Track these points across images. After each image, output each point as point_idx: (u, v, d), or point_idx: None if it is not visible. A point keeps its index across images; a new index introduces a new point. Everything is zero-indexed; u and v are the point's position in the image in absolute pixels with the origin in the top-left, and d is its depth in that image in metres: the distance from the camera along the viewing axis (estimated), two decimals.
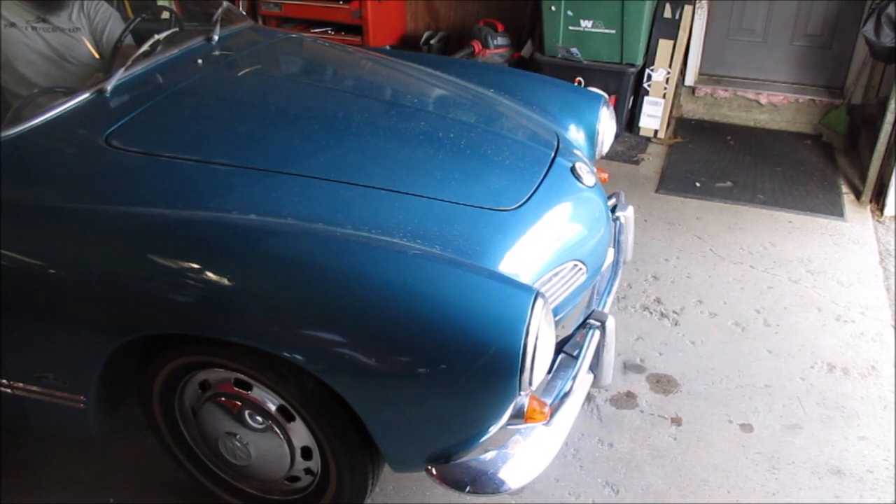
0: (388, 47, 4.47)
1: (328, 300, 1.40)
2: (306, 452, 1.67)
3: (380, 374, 1.41)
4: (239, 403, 1.64)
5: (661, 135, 4.16)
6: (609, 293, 1.96)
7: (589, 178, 1.95)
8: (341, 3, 4.47)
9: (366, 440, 1.55)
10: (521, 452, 1.51)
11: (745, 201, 3.47)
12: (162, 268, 1.48)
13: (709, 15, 4.19)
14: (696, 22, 4.11)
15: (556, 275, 1.75)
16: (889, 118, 3.26)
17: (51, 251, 1.55)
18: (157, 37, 2.13)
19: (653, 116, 4.14)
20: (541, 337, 1.38)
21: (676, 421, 2.21)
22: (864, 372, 2.39)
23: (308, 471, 1.72)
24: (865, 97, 4.00)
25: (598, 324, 1.73)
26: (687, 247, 3.11)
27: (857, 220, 3.32)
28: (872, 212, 3.40)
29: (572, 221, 1.86)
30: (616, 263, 2.09)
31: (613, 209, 2.17)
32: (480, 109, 2.21)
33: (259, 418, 1.64)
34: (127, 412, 1.85)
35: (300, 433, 1.63)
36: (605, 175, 2.26)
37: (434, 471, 1.49)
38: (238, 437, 1.68)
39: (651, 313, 2.68)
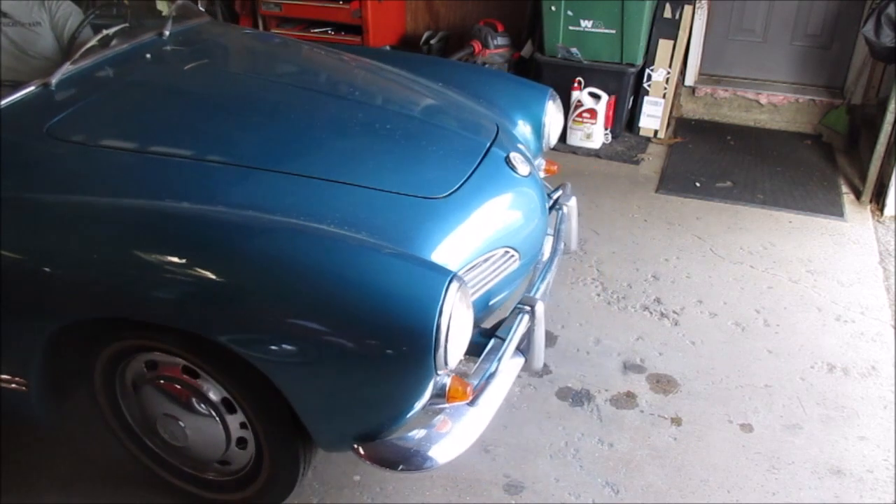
0: (387, 47, 4.47)
1: (245, 282, 1.45)
2: (241, 438, 1.72)
3: (299, 354, 1.45)
4: (178, 387, 1.68)
5: (661, 135, 4.16)
6: (543, 280, 2.00)
7: (523, 168, 1.98)
8: (341, 3, 4.47)
9: (297, 422, 1.59)
10: (448, 431, 1.55)
11: (745, 201, 3.47)
12: (93, 253, 1.52)
13: (709, 15, 4.19)
14: (696, 22, 4.11)
15: (486, 260, 1.80)
16: (889, 118, 3.26)
17: None
18: (105, 31, 2.19)
19: (653, 116, 4.14)
20: (455, 317, 1.41)
21: (676, 421, 2.21)
22: (864, 372, 2.39)
23: (241, 440, 1.74)
24: (865, 97, 4.00)
25: (527, 308, 1.77)
26: (687, 247, 3.11)
27: (857, 220, 3.32)
28: (872, 212, 3.40)
29: (504, 210, 1.90)
30: (555, 251, 2.13)
31: (559, 199, 2.23)
32: (422, 101, 2.26)
33: (199, 403, 1.67)
34: None
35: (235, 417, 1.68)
36: (554, 167, 2.35)
37: (361, 450, 1.53)
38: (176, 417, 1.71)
39: (651, 313, 2.68)
